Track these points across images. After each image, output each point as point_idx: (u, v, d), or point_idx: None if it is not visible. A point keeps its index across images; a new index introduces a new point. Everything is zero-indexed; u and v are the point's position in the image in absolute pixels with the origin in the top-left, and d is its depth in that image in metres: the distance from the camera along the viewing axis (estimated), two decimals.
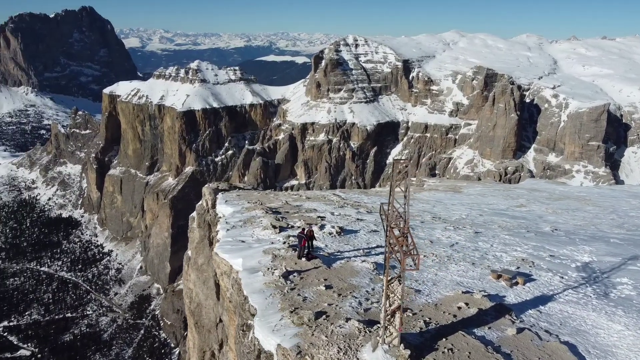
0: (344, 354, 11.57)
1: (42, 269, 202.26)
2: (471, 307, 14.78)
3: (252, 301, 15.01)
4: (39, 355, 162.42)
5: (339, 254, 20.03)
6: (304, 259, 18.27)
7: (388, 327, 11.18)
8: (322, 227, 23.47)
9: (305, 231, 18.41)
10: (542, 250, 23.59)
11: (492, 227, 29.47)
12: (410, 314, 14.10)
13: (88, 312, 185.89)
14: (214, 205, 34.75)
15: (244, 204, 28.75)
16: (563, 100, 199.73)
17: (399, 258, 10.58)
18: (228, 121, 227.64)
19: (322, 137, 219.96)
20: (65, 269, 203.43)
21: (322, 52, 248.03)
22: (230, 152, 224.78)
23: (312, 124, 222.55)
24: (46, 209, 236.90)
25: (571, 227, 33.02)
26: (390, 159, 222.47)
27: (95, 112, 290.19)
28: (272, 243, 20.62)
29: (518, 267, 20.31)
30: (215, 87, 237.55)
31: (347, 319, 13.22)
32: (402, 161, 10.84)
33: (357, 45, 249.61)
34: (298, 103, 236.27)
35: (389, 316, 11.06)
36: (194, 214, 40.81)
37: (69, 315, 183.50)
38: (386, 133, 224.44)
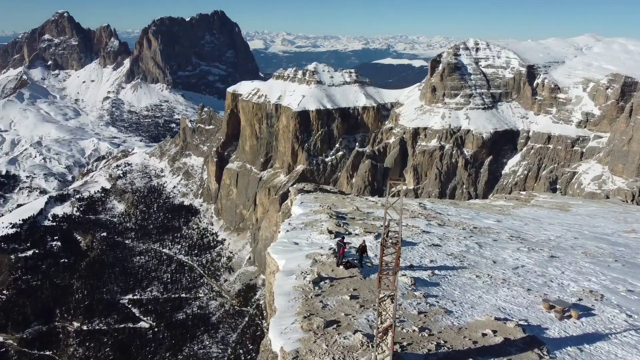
0: None
1: (164, 250, 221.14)
2: (498, 335, 13.97)
3: (276, 302, 15.60)
4: (156, 329, 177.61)
5: None
6: (341, 267, 18.43)
7: (380, 344, 11.08)
8: (377, 236, 23.39)
9: (344, 240, 18.54)
10: (621, 284, 21.30)
11: (574, 253, 27.11)
12: (426, 334, 13.71)
13: (200, 295, 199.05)
14: None
15: (314, 207, 29.47)
16: None
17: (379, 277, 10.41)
18: (340, 122, 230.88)
19: (434, 142, 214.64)
20: (183, 252, 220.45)
21: (439, 55, 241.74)
22: (340, 153, 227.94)
23: (425, 128, 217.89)
24: (171, 196, 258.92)
25: None
26: (506, 170, 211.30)
27: (219, 109, 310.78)
28: (321, 248, 21.03)
29: (580, 299, 18.60)
30: (330, 88, 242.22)
31: (355, 331, 13.24)
32: (396, 181, 10.68)
33: (477, 49, 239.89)
34: (411, 107, 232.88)
35: (380, 334, 10.96)
36: (281, 212, 42.54)
37: (184, 295, 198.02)
38: (503, 142, 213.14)
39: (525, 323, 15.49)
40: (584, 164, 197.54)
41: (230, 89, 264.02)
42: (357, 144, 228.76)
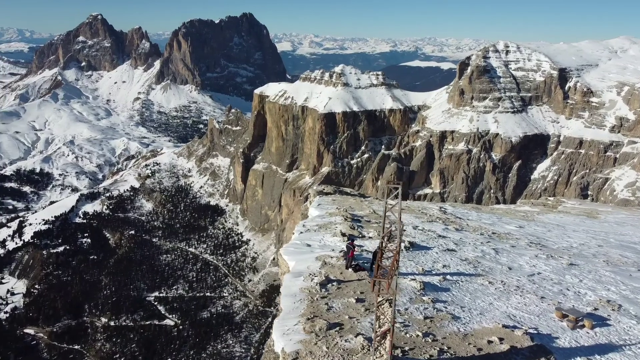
0: None
1: (190, 249, 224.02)
2: (504, 343, 13.72)
3: (281, 303, 15.70)
4: (181, 327, 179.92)
5: None
6: (350, 270, 18.39)
7: (378, 348, 11.03)
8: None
9: (353, 243, 18.45)
10: None
11: (596, 261, 26.40)
12: (430, 340, 13.56)
13: (224, 294, 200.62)
14: None
15: (330, 209, 29.48)
16: None
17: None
18: (366, 125, 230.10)
19: (461, 146, 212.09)
20: (208, 251, 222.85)
21: (468, 58, 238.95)
22: (366, 155, 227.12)
23: (452, 132, 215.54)
24: (197, 195, 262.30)
25: None
26: (536, 175, 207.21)
27: (246, 111, 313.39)
28: (333, 250, 21.03)
29: (595, 309, 18.11)
30: (357, 91, 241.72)
31: (357, 334, 13.19)
32: (394, 184, 10.63)
33: (507, 52, 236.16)
34: (439, 110, 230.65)
35: (379, 337, 10.91)
36: (301, 214, 42.63)
37: (208, 294, 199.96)
38: (533, 146, 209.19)
39: (535, 331, 15.19)
40: (617, 170, 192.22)
41: (257, 91, 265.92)
42: (383, 146, 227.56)
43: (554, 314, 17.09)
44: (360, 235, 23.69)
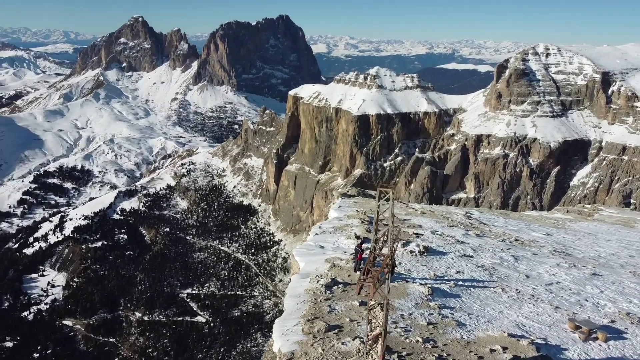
0: None
1: (222, 248, 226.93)
2: (507, 352, 13.39)
3: (285, 303, 15.79)
4: (212, 324, 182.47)
5: (406, 273, 19.48)
6: (358, 272, 18.30)
7: (370, 352, 10.97)
8: (406, 244, 22.99)
9: (362, 246, 18.35)
10: None
11: (622, 272, 25.42)
12: (430, 346, 13.35)
13: (255, 294, 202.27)
14: None
15: (349, 211, 29.43)
16: None
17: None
18: (400, 127, 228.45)
19: (497, 150, 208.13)
20: (240, 251, 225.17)
21: (506, 61, 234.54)
22: (399, 158, 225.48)
23: (488, 136, 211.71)
24: (231, 195, 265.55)
25: None
26: (575, 181, 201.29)
27: (280, 112, 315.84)
28: (345, 252, 20.98)
29: (613, 321, 17.44)
30: (392, 93, 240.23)
31: (355, 337, 13.12)
32: (387, 188, 10.55)
33: (547, 55, 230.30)
34: (475, 113, 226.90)
35: (370, 342, 10.84)
36: (323, 215, 42.69)
37: (239, 293, 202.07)
38: (573, 152, 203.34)
39: (543, 342, 14.75)
40: None
41: (291, 92, 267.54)
42: (416, 149, 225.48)
43: (567, 324, 16.58)
44: None
